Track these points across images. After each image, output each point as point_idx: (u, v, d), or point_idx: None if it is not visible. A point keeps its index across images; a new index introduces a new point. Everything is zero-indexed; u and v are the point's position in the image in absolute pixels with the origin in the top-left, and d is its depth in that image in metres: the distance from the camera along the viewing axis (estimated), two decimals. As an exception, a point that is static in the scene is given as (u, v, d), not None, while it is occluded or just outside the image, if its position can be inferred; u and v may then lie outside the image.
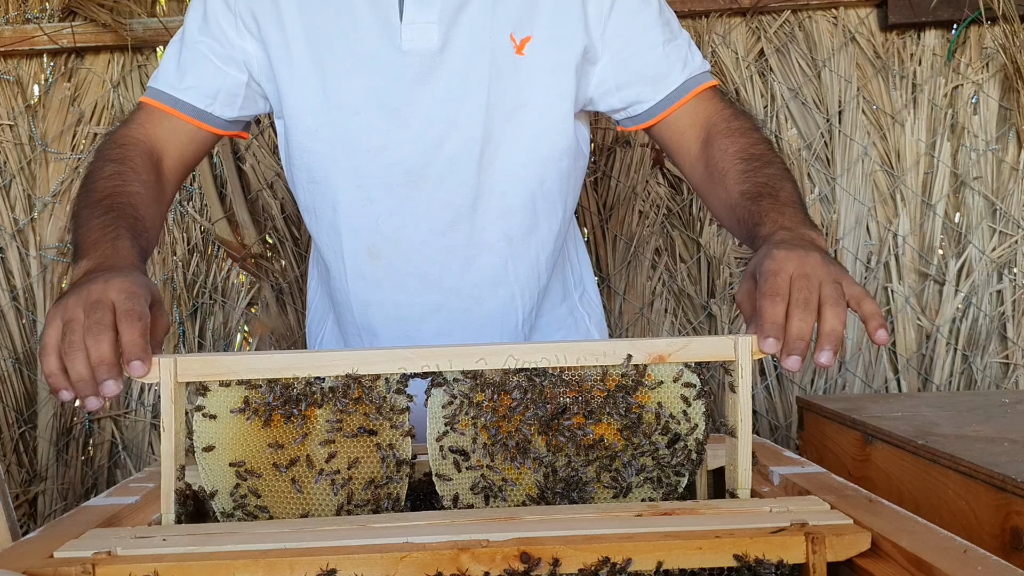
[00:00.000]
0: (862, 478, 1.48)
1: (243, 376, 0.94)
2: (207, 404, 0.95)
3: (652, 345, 0.96)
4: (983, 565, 0.72)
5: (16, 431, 2.32)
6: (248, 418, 0.95)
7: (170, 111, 1.31)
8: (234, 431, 0.95)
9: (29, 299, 2.34)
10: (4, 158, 2.34)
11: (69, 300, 0.94)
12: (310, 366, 0.94)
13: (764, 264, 0.98)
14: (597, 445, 0.96)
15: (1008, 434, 1.35)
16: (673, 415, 0.97)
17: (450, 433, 0.96)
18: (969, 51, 2.35)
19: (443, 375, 0.96)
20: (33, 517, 2.33)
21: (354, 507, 0.95)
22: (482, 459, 0.96)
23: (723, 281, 2.34)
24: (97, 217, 1.13)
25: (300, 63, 1.28)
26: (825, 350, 0.93)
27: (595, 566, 0.77)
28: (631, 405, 0.96)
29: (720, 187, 1.23)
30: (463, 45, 1.27)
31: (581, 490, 0.96)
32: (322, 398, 0.95)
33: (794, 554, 0.79)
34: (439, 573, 0.77)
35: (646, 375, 0.96)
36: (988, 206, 2.34)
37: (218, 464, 0.95)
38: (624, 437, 0.96)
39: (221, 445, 0.95)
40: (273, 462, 0.95)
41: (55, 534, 0.87)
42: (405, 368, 0.95)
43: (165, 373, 0.92)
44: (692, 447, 0.97)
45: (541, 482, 0.96)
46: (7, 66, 2.35)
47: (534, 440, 0.96)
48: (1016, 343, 2.33)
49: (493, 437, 0.95)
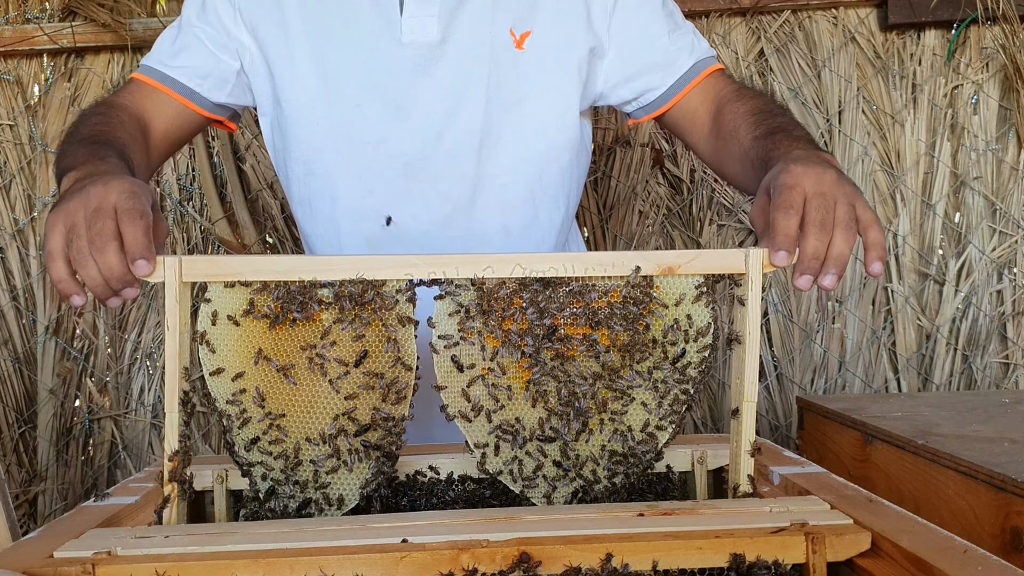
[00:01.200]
0: (862, 478, 1.48)
1: (249, 277, 0.94)
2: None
3: (661, 257, 0.95)
4: (983, 565, 0.72)
5: (16, 431, 2.32)
6: (254, 320, 0.94)
7: (159, 87, 1.32)
8: (239, 336, 0.95)
9: (29, 299, 2.34)
10: (4, 158, 2.34)
11: (69, 204, 0.93)
12: (316, 269, 0.94)
13: (780, 178, 0.97)
14: (602, 353, 0.95)
15: (1008, 434, 1.35)
16: (680, 326, 0.96)
17: (459, 344, 0.95)
18: (969, 51, 2.35)
19: (450, 287, 0.95)
20: (33, 517, 2.33)
21: (357, 405, 0.95)
22: (486, 367, 0.95)
23: (723, 284, 2.34)
24: (83, 147, 1.11)
25: (301, 56, 1.29)
26: (830, 273, 0.92)
27: (597, 568, 0.77)
28: (638, 317, 0.95)
29: (733, 142, 1.22)
30: (463, 39, 1.28)
31: (579, 394, 0.95)
32: (329, 303, 0.94)
33: (794, 554, 0.79)
34: (450, 572, 0.77)
35: (654, 287, 0.95)
36: (988, 206, 2.34)
37: (226, 377, 0.95)
38: (629, 347, 0.95)
39: (229, 353, 0.95)
40: (279, 362, 0.95)
41: (55, 534, 0.87)
42: (411, 274, 0.94)
43: (170, 272, 0.92)
44: (697, 361, 0.96)
45: (545, 392, 0.95)
46: (7, 66, 2.35)
47: (539, 350, 0.95)
48: (1016, 343, 2.33)
49: (498, 344, 0.95)
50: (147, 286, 2.31)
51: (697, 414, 2.35)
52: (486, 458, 0.97)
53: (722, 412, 2.34)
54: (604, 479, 0.98)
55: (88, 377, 2.34)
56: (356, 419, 0.96)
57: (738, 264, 0.95)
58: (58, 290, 0.93)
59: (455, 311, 0.95)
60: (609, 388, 0.96)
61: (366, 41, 1.28)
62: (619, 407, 0.97)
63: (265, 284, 0.95)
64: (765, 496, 0.97)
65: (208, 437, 2.33)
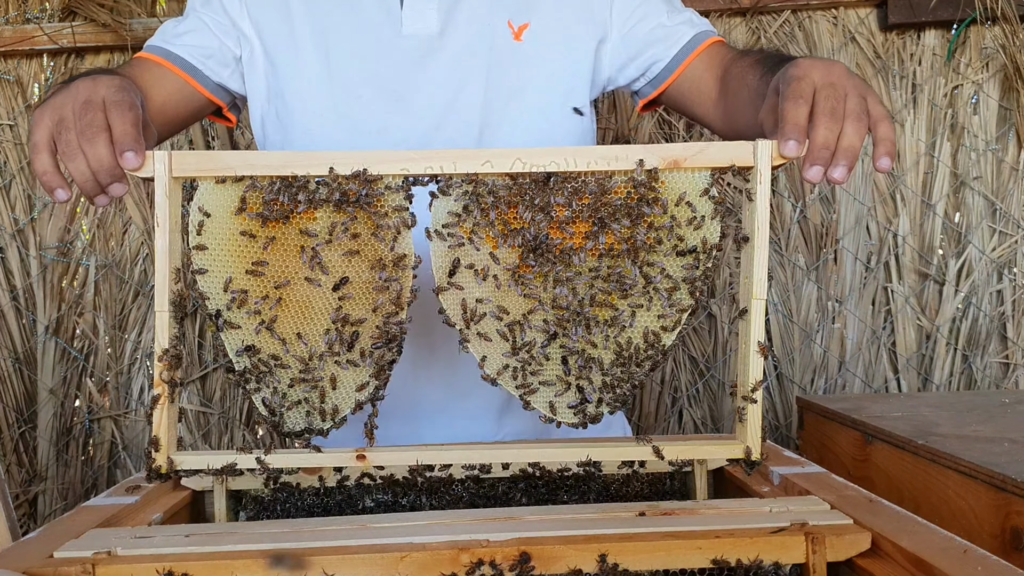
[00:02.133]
0: (862, 478, 1.48)
1: (241, 172, 0.92)
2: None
3: (667, 150, 0.92)
4: (983, 565, 0.72)
5: (16, 431, 2.32)
6: (247, 218, 0.92)
7: (162, 61, 1.32)
8: (230, 232, 0.93)
9: (29, 299, 2.34)
10: (4, 158, 2.34)
11: (57, 99, 0.92)
12: (311, 164, 0.92)
13: (788, 72, 0.95)
14: (606, 253, 0.93)
15: (1008, 434, 1.35)
16: (682, 221, 0.93)
17: (463, 245, 0.93)
18: (969, 51, 2.35)
19: (447, 184, 0.93)
20: (33, 517, 2.33)
21: (352, 307, 0.93)
22: (484, 269, 0.93)
23: (723, 281, 2.34)
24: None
25: (305, 48, 1.31)
26: (840, 165, 0.91)
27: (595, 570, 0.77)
28: (642, 213, 0.92)
29: (742, 89, 1.20)
30: (462, 30, 1.31)
31: (580, 295, 0.93)
32: (323, 200, 0.92)
33: (794, 554, 0.79)
34: (455, 573, 0.77)
35: (660, 182, 0.93)
36: (988, 206, 2.34)
37: (216, 276, 0.93)
38: (632, 247, 0.93)
39: (218, 250, 0.93)
40: (272, 263, 0.93)
41: (55, 534, 0.87)
42: (408, 169, 0.92)
43: (160, 166, 0.91)
44: (703, 259, 0.93)
45: (546, 292, 0.93)
46: (7, 66, 2.35)
47: (540, 248, 0.93)
48: (1016, 343, 2.33)
49: (499, 243, 0.93)
50: (148, 287, 2.31)
51: (697, 414, 2.35)
52: (485, 361, 0.94)
53: (722, 412, 2.34)
54: (606, 386, 0.94)
55: (88, 377, 2.34)
56: (351, 321, 0.93)
57: (746, 156, 0.91)
58: (42, 183, 0.92)
59: (454, 210, 0.92)
60: (612, 290, 0.93)
61: (368, 33, 1.31)
62: (622, 309, 0.93)
63: (258, 181, 0.92)
64: (765, 496, 0.97)
65: (208, 437, 2.33)
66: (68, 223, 2.35)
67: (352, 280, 0.94)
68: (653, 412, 2.35)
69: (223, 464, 0.94)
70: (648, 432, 2.33)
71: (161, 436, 0.92)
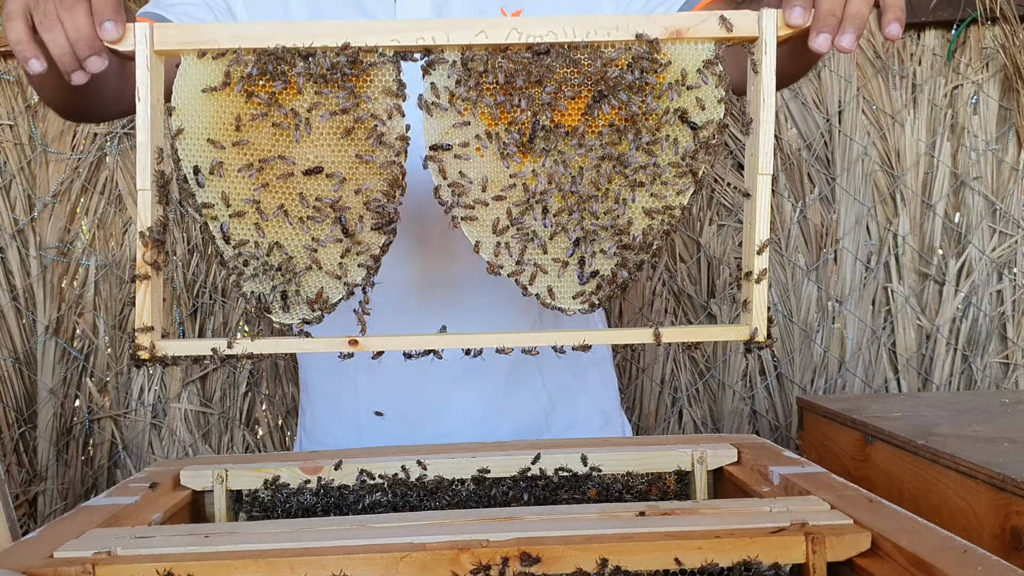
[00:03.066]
0: (862, 478, 1.48)
1: (225, 45, 0.88)
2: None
3: (669, 20, 0.90)
4: (983, 565, 0.72)
5: (16, 431, 2.32)
6: (232, 93, 0.89)
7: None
8: (215, 107, 0.90)
9: (29, 299, 2.34)
10: (4, 158, 2.34)
11: None
12: (297, 35, 0.88)
13: None
14: (607, 128, 0.90)
15: (1008, 434, 1.35)
16: (683, 88, 0.91)
17: (454, 121, 0.90)
18: (969, 51, 2.35)
19: (440, 56, 0.89)
20: (33, 517, 2.33)
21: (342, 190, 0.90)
22: (480, 147, 0.90)
23: (723, 281, 2.34)
24: None
25: None
26: (848, 32, 0.88)
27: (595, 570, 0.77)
28: (644, 85, 0.89)
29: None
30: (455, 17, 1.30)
31: (578, 170, 0.90)
32: (311, 74, 0.89)
33: (794, 554, 0.79)
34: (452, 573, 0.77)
35: (661, 53, 0.90)
36: (988, 206, 2.34)
37: (197, 142, 0.91)
38: (632, 121, 0.90)
39: (197, 121, 0.90)
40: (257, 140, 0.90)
41: (55, 534, 0.87)
42: (398, 40, 0.89)
43: (140, 40, 0.88)
44: (707, 135, 0.91)
45: (542, 168, 0.90)
46: (7, 66, 2.35)
47: (536, 125, 0.89)
48: (1016, 343, 2.33)
49: (495, 119, 0.89)
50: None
51: (697, 414, 2.35)
52: (480, 246, 0.92)
53: (722, 412, 2.34)
54: (608, 264, 0.92)
55: (88, 377, 2.34)
56: (343, 206, 0.90)
57: (751, 28, 0.89)
58: (16, 54, 0.89)
59: (446, 85, 0.89)
60: (610, 166, 0.91)
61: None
62: (622, 184, 0.91)
63: (241, 54, 0.88)
64: (765, 496, 0.97)
65: (208, 437, 2.33)
66: (68, 223, 2.35)
67: (343, 161, 0.90)
68: (653, 412, 2.35)
69: (209, 350, 0.89)
70: (648, 432, 2.33)
71: (145, 320, 0.89)
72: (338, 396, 1.40)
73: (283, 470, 1.08)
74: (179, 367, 2.31)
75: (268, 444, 2.34)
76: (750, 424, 2.35)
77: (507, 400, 1.36)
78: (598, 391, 1.47)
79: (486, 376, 1.33)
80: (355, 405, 1.37)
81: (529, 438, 1.33)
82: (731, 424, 2.35)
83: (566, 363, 1.42)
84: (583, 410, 1.43)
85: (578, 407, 1.43)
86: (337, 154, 0.91)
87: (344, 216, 0.91)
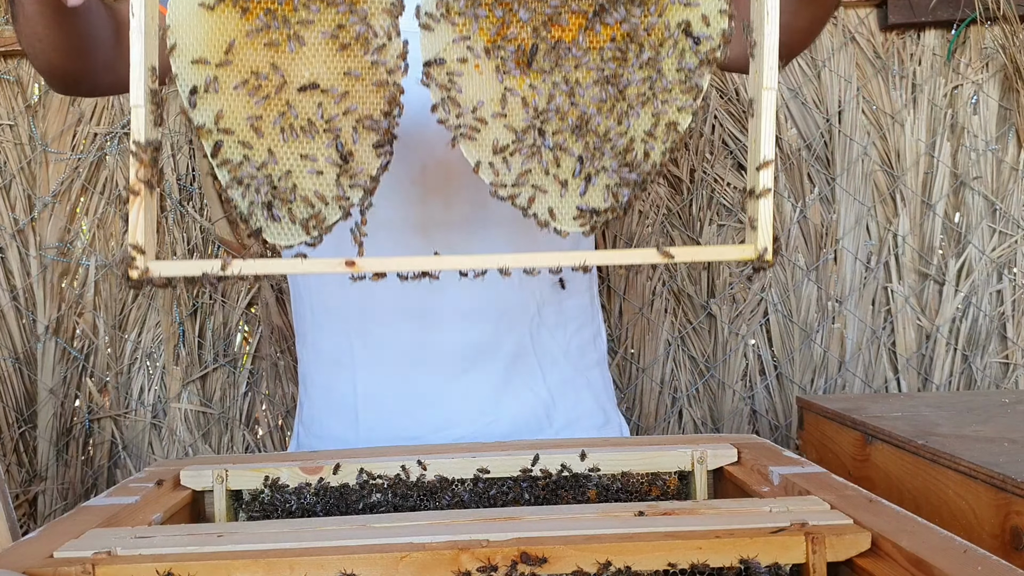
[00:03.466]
0: (862, 478, 1.48)
1: None
2: None
3: None
4: (983, 565, 0.72)
5: (16, 431, 2.32)
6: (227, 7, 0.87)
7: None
8: (207, 25, 0.87)
9: (29, 299, 2.34)
10: (4, 158, 2.34)
11: None
12: None
13: None
14: (608, 44, 0.88)
15: (1008, 434, 1.35)
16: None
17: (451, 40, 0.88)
18: (969, 51, 2.35)
19: None
20: (33, 517, 2.33)
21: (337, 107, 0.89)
22: (479, 64, 0.88)
23: (723, 281, 2.34)
24: None
25: None
26: None
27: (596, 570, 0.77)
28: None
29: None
30: None
31: (579, 85, 0.88)
32: None
33: (794, 554, 0.79)
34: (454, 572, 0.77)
35: None
36: (988, 206, 2.34)
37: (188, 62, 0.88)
38: (633, 37, 0.88)
39: (191, 40, 0.88)
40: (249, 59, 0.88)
41: (55, 534, 0.87)
42: None
43: None
44: (708, 55, 0.88)
45: (544, 85, 0.88)
46: (7, 66, 2.35)
47: (541, 34, 0.88)
48: (1016, 343, 2.33)
49: (492, 36, 0.88)
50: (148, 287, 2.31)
51: (697, 414, 2.35)
52: (480, 167, 0.91)
53: (722, 412, 2.34)
54: (610, 187, 0.90)
55: (88, 377, 2.34)
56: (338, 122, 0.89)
57: None
58: None
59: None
60: (613, 82, 0.89)
61: None
62: (624, 102, 0.89)
63: None
64: (765, 496, 0.97)
65: (208, 437, 2.33)
66: (68, 223, 2.35)
67: (340, 79, 0.89)
68: (653, 412, 2.35)
69: (201, 271, 0.87)
70: (648, 432, 2.33)
71: (138, 239, 0.86)
72: (335, 388, 1.40)
73: (283, 470, 1.08)
74: (179, 367, 2.31)
75: (268, 444, 2.35)
76: (750, 424, 2.36)
77: (507, 393, 1.35)
78: (599, 390, 1.47)
79: (485, 369, 1.32)
80: (353, 398, 1.37)
81: (529, 432, 1.33)
82: (731, 424, 2.35)
83: (567, 361, 1.43)
84: (585, 406, 1.43)
85: (580, 402, 1.43)
86: (332, 71, 0.89)
87: (340, 133, 0.89)
